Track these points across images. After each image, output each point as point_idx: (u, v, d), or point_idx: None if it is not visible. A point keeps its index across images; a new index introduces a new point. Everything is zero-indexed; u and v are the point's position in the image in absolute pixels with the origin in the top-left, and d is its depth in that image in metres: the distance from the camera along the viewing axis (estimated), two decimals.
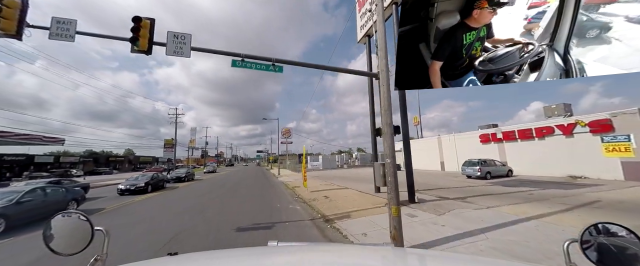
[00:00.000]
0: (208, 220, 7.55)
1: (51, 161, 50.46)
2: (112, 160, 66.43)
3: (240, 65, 7.49)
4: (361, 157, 46.62)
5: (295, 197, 11.89)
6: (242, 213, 8.38)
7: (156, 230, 6.59)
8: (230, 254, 1.34)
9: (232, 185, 17.64)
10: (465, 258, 1.28)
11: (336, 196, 10.93)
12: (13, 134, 22.61)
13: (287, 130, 37.67)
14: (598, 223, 0.89)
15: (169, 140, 51.42)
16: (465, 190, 11.91)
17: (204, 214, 8.24)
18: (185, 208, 9.61)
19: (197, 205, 10.19)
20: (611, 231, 0.86)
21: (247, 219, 7.50)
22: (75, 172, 47.24)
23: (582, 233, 0.90)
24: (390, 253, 1.31)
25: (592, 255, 0.87)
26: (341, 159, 46.63)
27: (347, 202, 9.33)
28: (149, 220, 7.86)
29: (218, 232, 6.22)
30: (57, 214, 1.04)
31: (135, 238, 6.02)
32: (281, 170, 35.47)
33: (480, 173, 15.78)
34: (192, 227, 6.77)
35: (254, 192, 14.00)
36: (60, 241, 1.01)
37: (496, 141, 20.61)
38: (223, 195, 12.78)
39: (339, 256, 1.25)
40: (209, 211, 8.70)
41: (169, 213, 8.85)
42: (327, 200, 10.09)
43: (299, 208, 9.09)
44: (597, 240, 0.87)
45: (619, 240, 0.84)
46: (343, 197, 10.51)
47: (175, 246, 5.26)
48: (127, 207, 10.41)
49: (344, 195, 11.18)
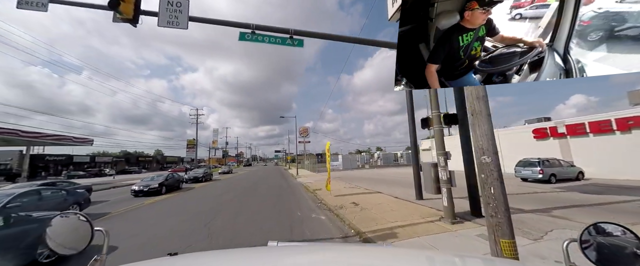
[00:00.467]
0: (214, 234, 6.08)
1: (87, 161, 54.16)
2: (142, 159, 70.14)
3: (250, 39, 5.90)
4: (384, 157, 43.83)
5: (318, 202, 10.18)
6: (256, 225, 6.81)
7: (149, 245, 5.23)
8: (230, 254, 1.33)
9: (248, 188, 16.31)
10: (467, 258, 1.32)
11: (367, 202, 9.04)
12: (45, 135, 23.57)
13: (305, 129, 36.54)
14: (597, 222, 0.89)
15: (190, 141, 52.71)
16: (535, 198, 9.35)
17: (210, 227, 6.78)
18: (192, 215, 8.29)
19: (207, 212, 8.84)
20: (610, 231, 0.86)
21: (262, 235, 5.92)
22: (108, 171, 50.23)
23: (582, 233, 0.90)
24: (391, 253, 1.27)
25: (591, 255, 0.87)
26: (361, 159, 44.22)
27: (385, 212, 7.41)
28: (146, 231, 6.58)
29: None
30: (57, 214, 1.06)
31: (125, 252, 4.74)
32: (299, 170, 34.07)
33: (543, 175, 12.81)
34: (191, 247, 5.31)
35: (271, 196, 12.53)
36: (60, 241, 1.01)
37: (557, 136, 17.12)
38: (236, 200, 11.45)
39: (339, 256, 1.24)
40: (216, 223, 7.25)
41: (173, 221, 7.56)
42: (357, 208, 8.24)
43: (324, 219, 7.35)
44: (596, 240, 0.87)
45: (618, 240, 0.84)
46: (376, 205, 8.59)
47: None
48: (134, 212, 9.38)
49: (377, 201, 9.24)
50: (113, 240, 5.53)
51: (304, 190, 14.58)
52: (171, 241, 5.67)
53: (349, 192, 11.95)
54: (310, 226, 6.58)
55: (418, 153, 9.32)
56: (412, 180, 9.64)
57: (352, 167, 38.80)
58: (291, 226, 6.61)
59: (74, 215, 1.05)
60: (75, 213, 1.06)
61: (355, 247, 1.68)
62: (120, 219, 8.17)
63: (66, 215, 1.05)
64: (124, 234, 6.16)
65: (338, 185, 14.88)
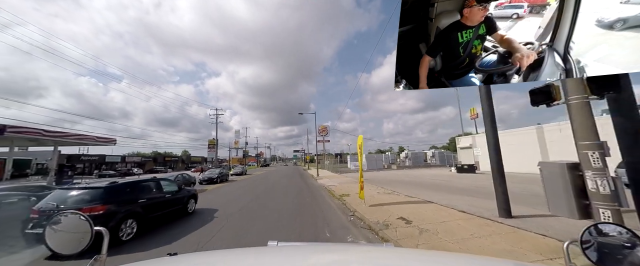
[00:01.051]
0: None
1: (118, 161, 56.83)
2: (168, 159, 72.75)
3: None
4: (413, 157, 39.82)
5: (350, 214, 7.61)
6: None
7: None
8: (229, 254, 1.33)
9: (263, 192, 14.03)
10: (468, 257, 1.31)
11: (423, 218, 6.29)
12: (69, 135, 23.72)
13: (324, 127, 34.76)
14: (598, 223, 0.89)
15: (211, 141, 52.91)
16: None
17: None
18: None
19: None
20: (611, 231, 0.86)
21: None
22: (135, 170, 52.15)
23: (582, 233, 0.89)
24: (391, 253, 1.24)
25: (592, 255, 0.86)
26: (386, 158, 40.64)
27: (464, 241, 4.65)
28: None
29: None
30: (57, 214, 1.05)
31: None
32: (319, 170, 31.67)
33: None
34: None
35: (289, 202, 10.18)
36: (60, 241, 1.02)
37: None
38: (248, 208, 9.25)
39: (339, 256, 1.25)
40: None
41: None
42: (412, 229, 5.55)
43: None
44: (597, 240, 0.87)
45: (618, 240, 0.83)
46: (440, 224, 5.81)
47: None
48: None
49: (437, 217, 6.43)
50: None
51: (329, 195, 12.03)
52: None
53: (387, 200, 9.21)
54: None
55: (499, 150, 6.34)
56: (457, 184, 7.12)
57: (377, 167, 35.64)
58: None
59: (74, 215, 1.05)
60: (75, 213, 1.05)
61: (355, 247, 1.65)
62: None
63: (67, 215, 1.05)
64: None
65: (370, 190, 12.13)
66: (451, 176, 20.13)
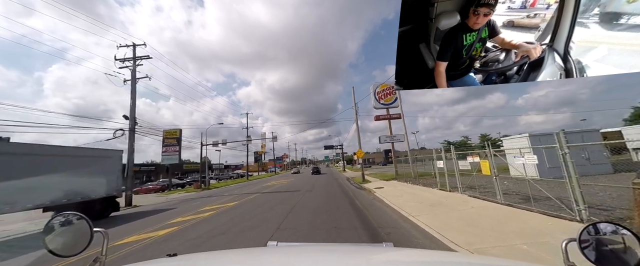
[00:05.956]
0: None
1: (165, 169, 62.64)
2: (212, 167, 77.69)
3: None
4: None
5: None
6: None
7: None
8: (229, 255, 1.33)
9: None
10: (467, 257, 1.38)
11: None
12: None
13: (387, 86, 17.22)
14: (597, 222, 0.89)
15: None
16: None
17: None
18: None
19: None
20: (610, 230, 0.86)
21: None
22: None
23: (581, 232, 0.89)
24: (391, 253, 1.26)
25: (590, 254, 0.86)
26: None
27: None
28: None
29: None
30: (56, 215, 1.03)
31: None
32: (369, 175, 19.14)
33: None
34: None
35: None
36: (59, 242, 0.99)
37: None
38: None
39: (339, 256, 1.21)
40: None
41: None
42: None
43: None
44: (595, 239, 0.87)
45: (617, 239, 0.84)
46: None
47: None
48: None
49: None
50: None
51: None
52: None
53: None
54: None
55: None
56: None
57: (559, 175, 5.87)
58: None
59: (73, 216, 1.03)
60: (74, 214, 1.03)
61: (354, 247, 1.58)
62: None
63: (66, 216, 1.03)
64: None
65: None
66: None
